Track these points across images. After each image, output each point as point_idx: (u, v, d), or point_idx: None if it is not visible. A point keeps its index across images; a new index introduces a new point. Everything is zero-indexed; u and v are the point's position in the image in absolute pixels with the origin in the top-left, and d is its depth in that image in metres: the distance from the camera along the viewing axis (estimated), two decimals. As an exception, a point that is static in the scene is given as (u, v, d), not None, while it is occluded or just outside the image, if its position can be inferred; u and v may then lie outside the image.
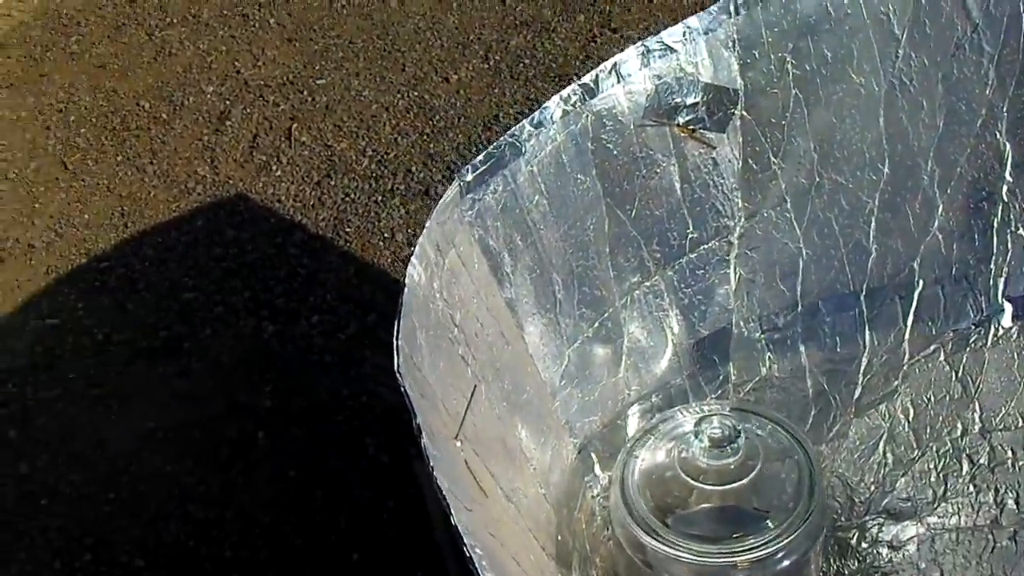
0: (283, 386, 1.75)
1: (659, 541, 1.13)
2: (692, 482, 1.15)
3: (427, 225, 1.02)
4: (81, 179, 2.13)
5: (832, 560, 1.27)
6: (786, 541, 1.13)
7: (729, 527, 1.15)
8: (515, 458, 1.10)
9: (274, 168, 2.09)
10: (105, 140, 2.20)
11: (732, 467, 1.15)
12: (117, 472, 1.67)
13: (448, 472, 0.86)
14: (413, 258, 0.99)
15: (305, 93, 2.23)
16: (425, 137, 2.09)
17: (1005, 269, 1.27)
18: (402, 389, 0.87)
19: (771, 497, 1.16)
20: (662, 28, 1.13)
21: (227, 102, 2.24)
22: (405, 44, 2.32)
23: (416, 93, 2.19)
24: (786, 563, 1.14)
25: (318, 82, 2.25)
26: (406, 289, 0.97)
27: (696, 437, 1.16)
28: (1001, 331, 1.28)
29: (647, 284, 1.25)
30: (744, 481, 1.15)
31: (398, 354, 0.90)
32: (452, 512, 0.79)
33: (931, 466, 1.28)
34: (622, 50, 1.18)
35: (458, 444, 0.94)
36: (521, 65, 2.21)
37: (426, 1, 2.42)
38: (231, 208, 2.04)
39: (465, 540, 0.78)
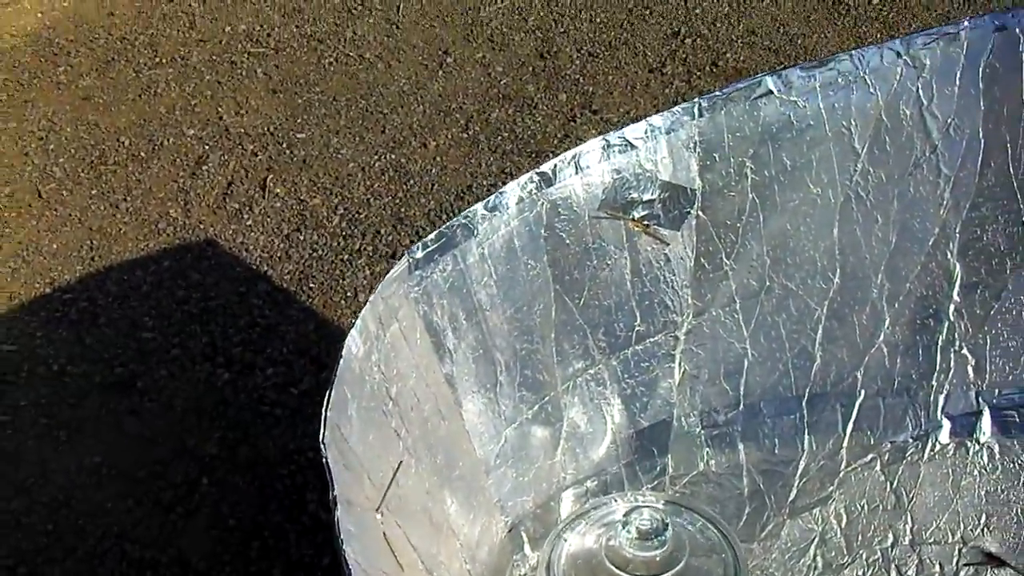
0: (232, 435, 1.75)
1: None
2: (617, 571, 1.16)
3: (371, 299, 1.03)
4: (54, 209, 2.14)
5: (755, 659, 1.28)
6: None
7: None
8: (441, 531, 1.11)
9: (246, 217, 2.10)
10: (82, 172, 2.21)
11: (657, 559, 1.16)
12: (58, 504, 1.67)
13: (362, 545, 0.87)
14: (353, 330, 1.00)
15: (284, 145, 2.25)
16: (398, 200, 2.11)
17: (946, 387, 1.29)
18: (324, 460, 0.88)
19: None
20: (642, 113, 1.15)
21: (206, 147, 2.26)
22: (388, 106, 2.34)
23: (393, 156, 2.21)
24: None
25: (298, 136, 2.27)
26: (341, 360, 0.97)
27: (624, 527, 1.17)
28: (938, 447, 1.30)
29: (590, 372, 1.26)
30: (668, 574, 1.16)
31: (325, 425, 0.91)
32: None
33: (859, 573, 1.29)
34: (600, 132, 1.20)
35: (379, 517, 0.94)
36: (499, 138, 2.23)
37: (413, 66, 2.45)
38: (199, 252, 2.05)
39: None
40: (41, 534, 1.63)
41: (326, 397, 0.93)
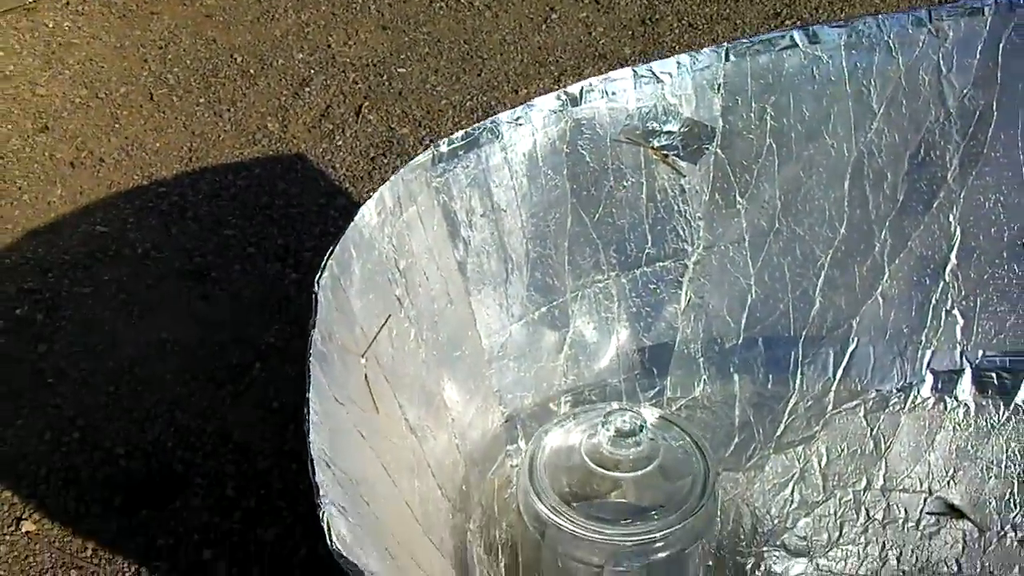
0: (289, 329, 1.87)
1: (550, 511, 1.21)
2: (592, 466, 1.24)
3: (391, 179, 1.13)
4: (162, 111, 2.29)
5: (728, 580, 1.36)
6: (665, 533, 1.20)
7: (619, 512, 1.23)
8: (433, 403, 1.20)
9: (337, 138, 2.23)
10: (193, 82, 2.36)
11: (631, 458, 1.24)
12: (122, 370, 1.80)
13: (336, 375, 0.97)
14: (369, 201, 1.10)
15: (383, 77, 2.37)
16: (480, 138, 2.21)
17: (934, 343, 1.36)
18: (313, 295, 0.98)
19: (661, 494, 1.24)
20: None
21: (311, 71, 2.39)
22: (487, 52, 2.45)
23: (484, 98, 2.32)
24: (664, 555, 1.21)
25: (398, 70, 2.40)
26: (352, 224, 1.07)
27: (604, 426, 1.25)
28: (919, 399, 1.37)
29: (600, 284, 1.35)
30: (639, 473, 1.24)
31: (323, 271, 1.01)
32: (311, 390, 0.90)
33: (832, 511, 1.37)
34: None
35: (363, 362, 1.05)
36: (587, 92, 2.32)
37: (518, 18, 2.55)
38: (289, 164, 2.18)
39: (310, 412, 0.89)
40: (103, 394, 1.77)
41: (330, 250, 1.03)
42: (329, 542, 0.83)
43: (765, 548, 1.36)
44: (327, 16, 2.55)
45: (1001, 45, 1.29)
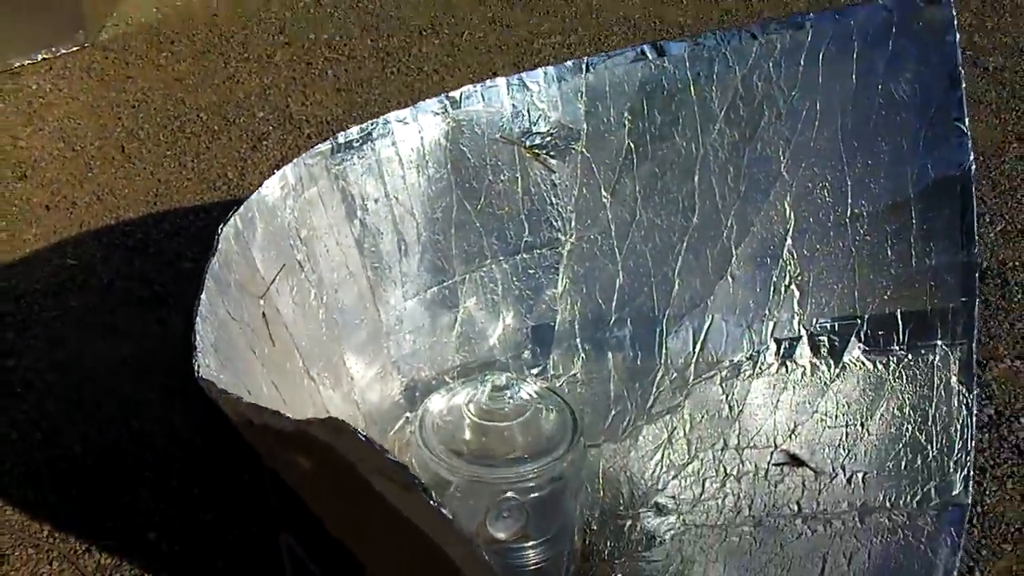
0: (237, 345, 2.06)
1: (439, 461, 1.37)
2: (473, 418, 1.41)
3: (294, 160, 1.32)
4: (132, 162, 2.51)
5: (608, 541, 1.51)
6: (536, 473, 1.37)
7: (498, 461, 1.40)
8: (332, 361, 1.37)
9: (290, 183, 2.44)
10: (162, 137, 2.59)
11: (506, 410, 1.40)
12: (84, 382, 1.98)
13: (231, 297, 1.13)
14: (272, 178, 1.28)
15: (336, 131, 2.59)
16: (419, 181, 2.43)
17: (776, 315, 1.53)
18: (215, 238, 1.14)
19: (535, 444, 1.41)
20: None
21: (270, 127, 2.62)
22: (432, 110, 2.68)
23: (426, 148, 2.54)
24: (537, 495, 1.38)
25: (349, 126, 2.62)
26: (256, 192, 1.25)
27: (482, 384, 1.43)
28: (765, 365, 1.54)
29: (484, 269, 1.53)
30: (514, 423, 1.40)
31: (227, 222, 1.17)
32: (204, 295, 1.05)
33: (695, 471, 1.53)
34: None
35: (261, 302, 1.21)
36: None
37: (463, 81, 2.78)
38: (244, 207, 2.39)
39: (200, 307, 1.04)
40: (65, 401, 1.94)
41: (234, 209, 1.20)
42: (195, 369, 0.94)
43: (641, 510, 1.51)
44: (288, 80, 2.79)
45: (821, 54, 1.49)
